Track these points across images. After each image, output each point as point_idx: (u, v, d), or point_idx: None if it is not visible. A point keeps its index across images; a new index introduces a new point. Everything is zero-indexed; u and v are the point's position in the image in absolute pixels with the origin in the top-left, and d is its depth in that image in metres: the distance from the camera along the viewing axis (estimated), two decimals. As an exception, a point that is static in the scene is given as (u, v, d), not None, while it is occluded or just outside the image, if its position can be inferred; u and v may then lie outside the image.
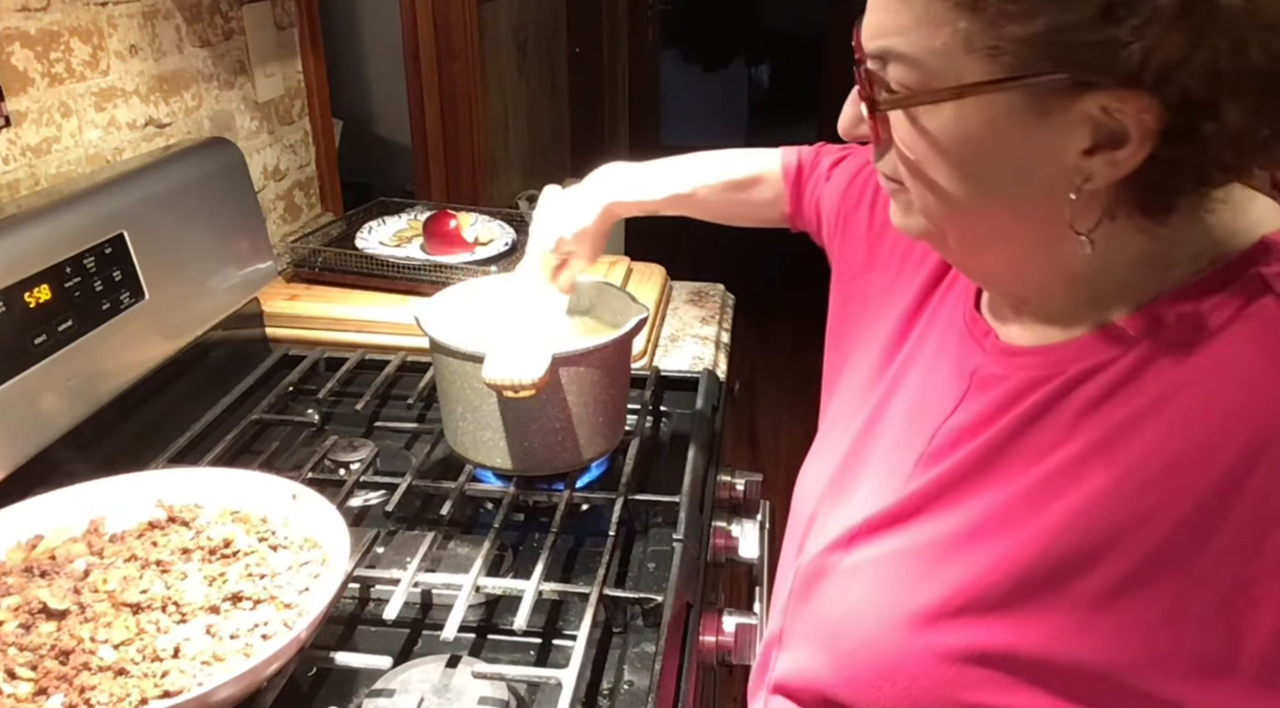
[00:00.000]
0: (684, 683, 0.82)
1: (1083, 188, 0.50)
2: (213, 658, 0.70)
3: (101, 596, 0.75)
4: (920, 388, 0.68)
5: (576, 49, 3.84)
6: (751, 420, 3.42)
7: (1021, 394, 0.57)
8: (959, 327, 0.67)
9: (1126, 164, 0.48)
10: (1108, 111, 0.47)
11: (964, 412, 0.61)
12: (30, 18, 1.07)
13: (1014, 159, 0.51)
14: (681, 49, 6.16)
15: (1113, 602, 0.51)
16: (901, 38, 0.51)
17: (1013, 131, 0.50)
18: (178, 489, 0.88)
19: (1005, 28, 0.46)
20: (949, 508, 0.59)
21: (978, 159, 0.52)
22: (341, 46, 2.85)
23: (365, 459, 1.06)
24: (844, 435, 0.74)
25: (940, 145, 0.52)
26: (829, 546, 0.67)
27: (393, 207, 1.65)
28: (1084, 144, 0.48)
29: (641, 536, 1.00)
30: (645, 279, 1.52)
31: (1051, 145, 0.49)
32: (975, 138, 0.51)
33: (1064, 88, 0.47)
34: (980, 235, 0.57)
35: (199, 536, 0.83)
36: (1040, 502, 0.54)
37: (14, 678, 0.67)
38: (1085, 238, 0.51)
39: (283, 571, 0.79)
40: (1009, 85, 0.48)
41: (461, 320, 1.00)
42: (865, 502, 0.67)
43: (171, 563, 0.79)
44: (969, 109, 0.50)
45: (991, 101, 0.49)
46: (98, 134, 1.19)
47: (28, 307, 0.92)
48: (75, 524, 0.84)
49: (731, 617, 0.92)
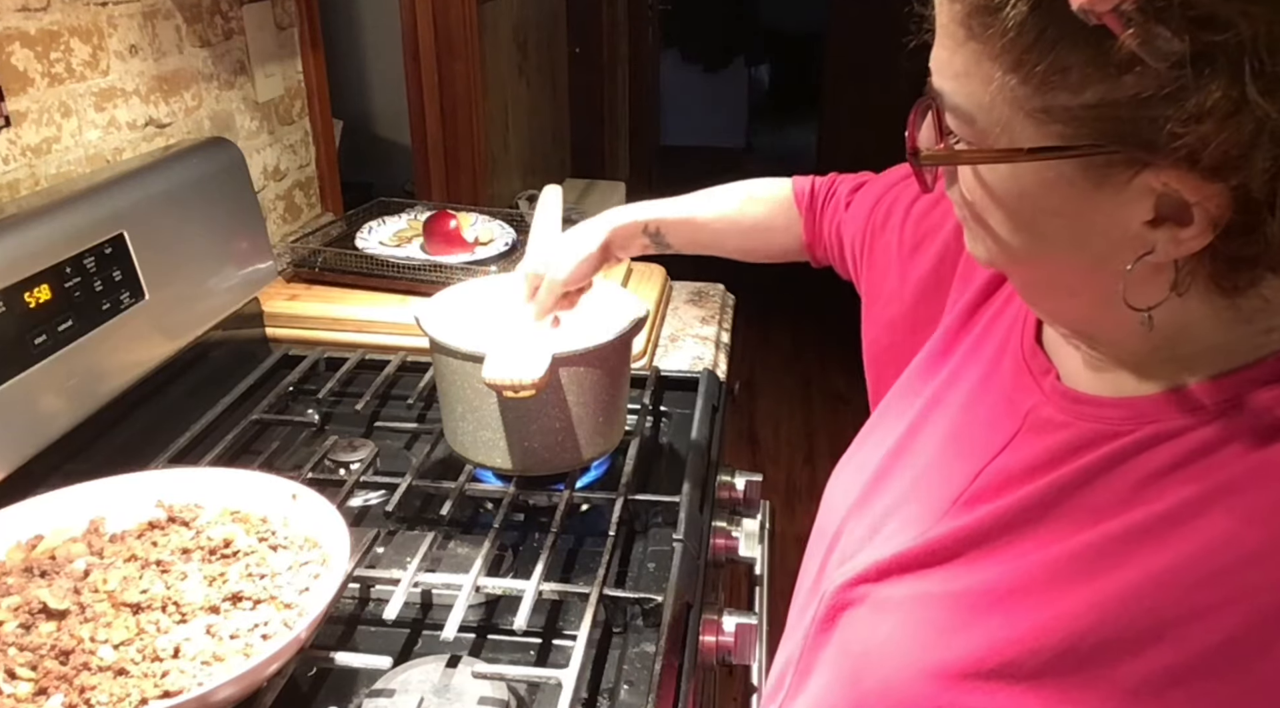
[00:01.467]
0: (684, 683, 0.82)
1: (1143, 260, 0.46)
2: (213, 658, 0.70)
3: (101, 596, 0.75)
4: (964, 415, 0.64)
5: (576, 49, 3.84)
6: (751, 420, 3.42)
7: (1083, 447, 0.54)
8: (1015, 356, 0.63)
9: (1191, 245, 0.44)
10: (1170, 188, 0.43)
11: (1014, 453, 0.58)
12: (30, 18, 1.07)
13: (1072, 220, 0.48)
14: (681, 49, 6.16)
15: (1160, 693, 0.47)
16: (955, 84, 0.48)
17: (1070, 196, 0.46)
18: (178, 489, 0.88)
19: (1055, 95, 0.43)
20: (990, 557, 0.55)
21: (1034, 216, 0.49)
22: (341, 46, 2.85)
23: (365, 459, 1.06)
24: (878, 449, 0.71)
25: (995, 197, 0.50)
26: (858, 576, 0.63)
27: (393, 207, 1.65)
28: (1147, 215, 0.45)
29: (641, 535, 1.00)
30: (645, 279, 1.52)
31: (1111, 213, 0.46)
32: (1030, 196, 0.48)
33: (1121, 161, 0.44)
34: (1044, 285, 0.54)
35: (199, 536, 0.83)
36: (1094, 569, 0.50)
37: (14, 678, 0.67)
38: (1146, 314, 0.48)
39: (283, 571, 0.79)
40: (1060, 155, 0.45)
41: (461, 320, 1.00)
42: (898, 531, 0.63)
43: (171, 563, 0.79)
44: (1023, 169, 0.47)
45: (1046, 166, 0.46)
46: (98, 134, 1.19)
47: (28, 307, 0.92)
48: (75, 524, 0.84)
49: (731, 617, 0.92)
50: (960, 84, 0.47)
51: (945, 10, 0.47)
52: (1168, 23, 0.39)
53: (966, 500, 0.59)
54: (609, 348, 0.95)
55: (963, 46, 0.46)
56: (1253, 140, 0.40)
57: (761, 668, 0.93)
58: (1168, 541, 0.48)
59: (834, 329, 4.44)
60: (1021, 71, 0.44)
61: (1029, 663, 0.50)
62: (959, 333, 0.70)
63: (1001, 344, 0.65)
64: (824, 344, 4.03)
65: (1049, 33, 0.42)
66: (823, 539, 0.73)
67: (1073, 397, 0.56)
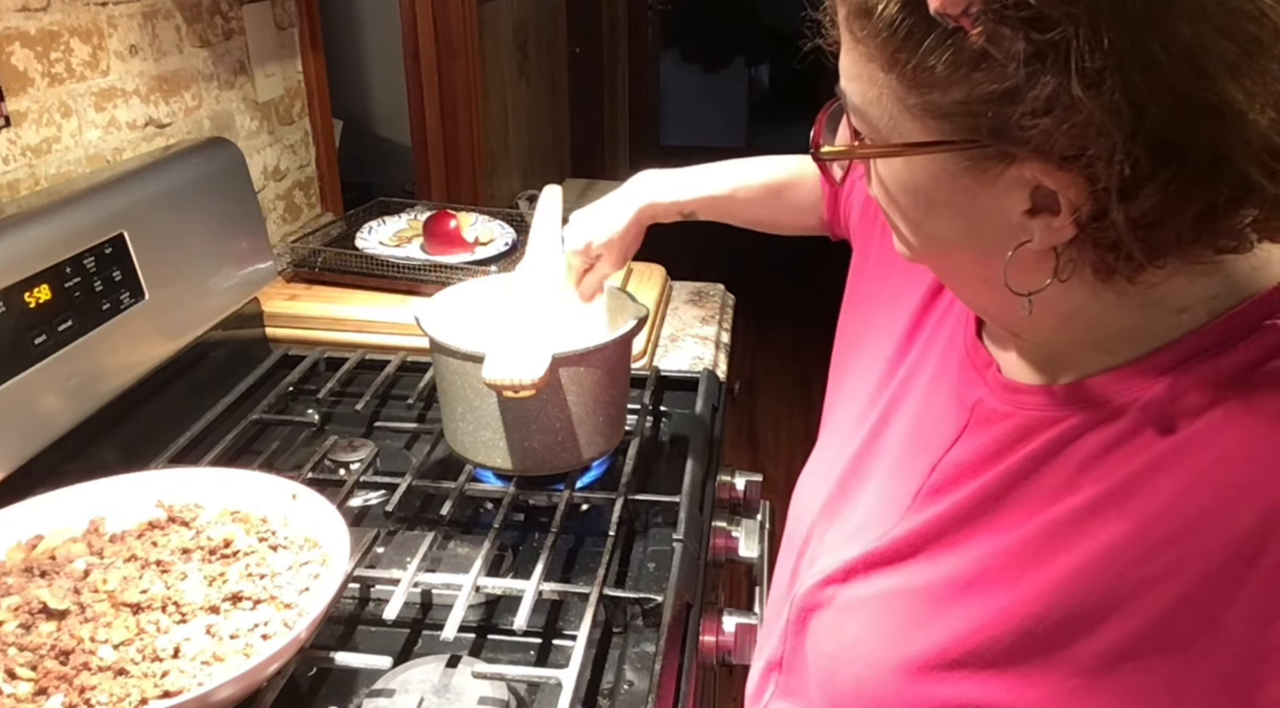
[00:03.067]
0: (684, 683, 0.82)
1: (1023, 247, 0.49)
2: (213, 658, 0.70)
3: (101, 596, 0.75)
4: (919, 412, 0.66)
5: (576, 49, 3.84)
6: (751, 420, 3.42)
7: (1026, 435, 0.55)
8: (959, 351, 0.65)
9: (1062, 232, 0.47)
10: (1036, 178, 0.46)
11: (964, 446, 0.60)
12: (30, 18, 1.07)
13: (961, 212, 0.51)
14: (681, 49, 6.16)
15: (1115, 667, 0.48)
16: (852, 85, 0.51)
17: (955, 188, 0.49)
18: (178, 489, 0.88)
19: (928, 93, 0.46)
20: (948, 550, 0.57)
21: (929, 208, 0.52)
22: (341, 46, 2.85)
23: (365, 459, 1.06)
24: (841, 453, 0.72)
25: (895, 191, 0.53)
26: (826, 578, 0.65)
27: (393, 207, 1.65)
28: (1024, 206, 0.48)
29: (641, 535, 1.00)
30: (645, 279, 1.52)
31: (993, 203, 0.49)
32: (923, 190, 0.51)
33: (992, 155, 0.46)
34: (956, 273, 0.57)
35: (199, 536, 0.83)
36: (1044, 553, 0.52)
37: (14, 678, 0.67)
38: (1025, 299, 0.51)
39: (283, 571, 0.79)
40: (939, 149, 0.48)
41: (461, 320, 1.00)
42: (862, 530, 0.65)
43: (171, 563, 0.79)
44: (913, 163, 0.50)
45: (930, 159, 0.49)
46: (98, 134, 1.19)
47: (28, 307, 0.92)
48: (75, 524, 0.84)
49: (731, 617, 0.92)
50: (855, 85, 0.50)
51: (839, 15, 0.50)
52: (1008, 23, 0.41)
53: (925, 495, 0.61)
54: (609, 348, 0.95)
55: (851, 49, 0.49)
56: (1084, 132, 0.42)
57: (761, 668, 0.93)
58: (1116, 517, 0.50)
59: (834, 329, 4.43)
60: (896, 70, 0.47)
61: (991, 650, 0.52)
62: (913, 332, 0.71)
63: (949, 341, 0.67)
64: (824, 344, 4.01)
65: (915, 33, 0.45)
66: (793, 544, 0.74)
67: (1012, 387, 0.58)
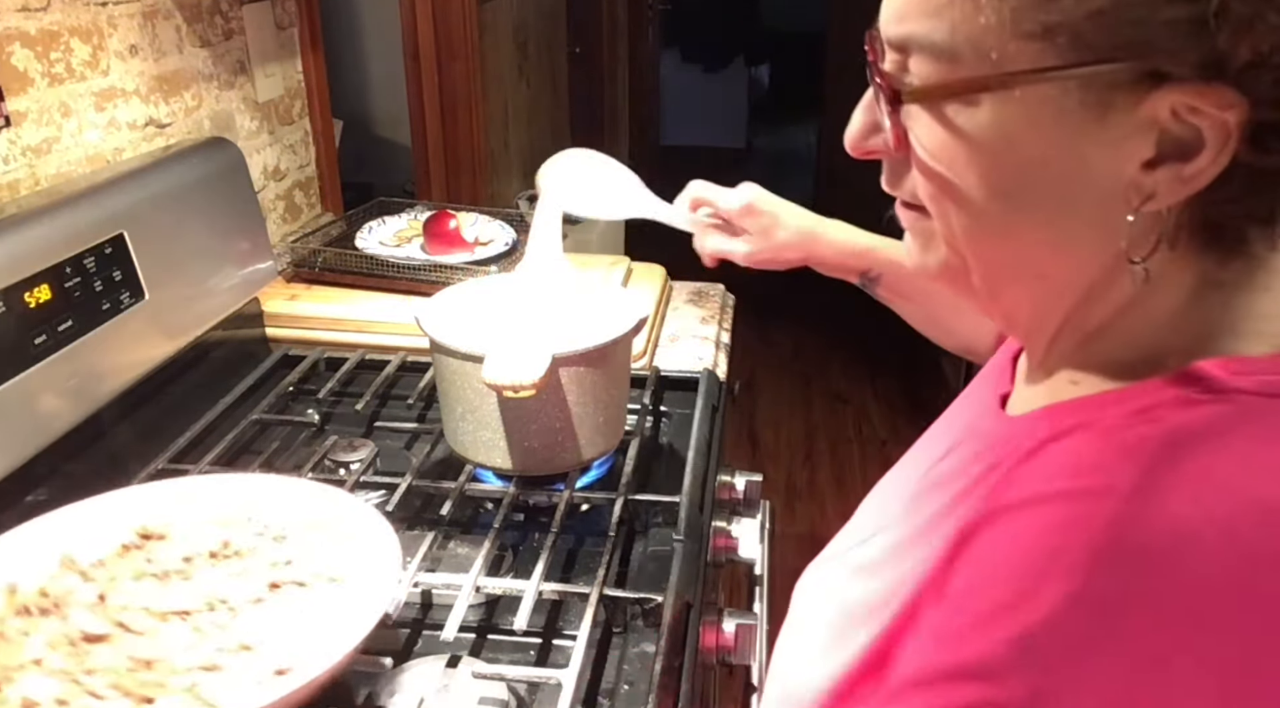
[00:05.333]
0: (684, 683, 0.82)
1: (1142, 209, 0.43)
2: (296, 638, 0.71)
3: (137, 611, 0.74)
4: (939, 425, 0.65)
5: (576, 49, 3.84)
6: (751, 420, 3.42)
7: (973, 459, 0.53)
8: (998, 365, 0.62)
9: (1199, 179, 0.41)
10: (1178, 114, 0.40)
11: (944, 464, 0.58)
12: (30, 18, 1.07)
13: (1061, 171, 0.44)
14: (681, 49, 6.16)
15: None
16: (932, 21, 0.44)
17: (1062, 136, 0.43)
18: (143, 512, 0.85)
19: (1058, 5, 0.40)
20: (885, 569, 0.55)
21: (1017, 169, 0.45)
22: (341, 46, 2.85)
23: (365, 459, 1.06)
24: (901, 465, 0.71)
25: (973, 151, 0.45)
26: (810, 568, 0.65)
27: (393, 207, 1.65)
28: (1146, 154, 0.41)
29: (641, 535, 1.00)
30: (645, 279, 1.52)
31: (1107, 155, 0.42)
32: (1016, 142, 0.44)
33: (1130, 80, 0.40)
34: (1010, 267, 0.49)
35: (189, 543, 0.82)
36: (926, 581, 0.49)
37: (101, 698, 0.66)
38: (1140, 268, 0.44)
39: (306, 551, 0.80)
40: (1063, 74, 0.41)
41: (461, 320, 1.00)
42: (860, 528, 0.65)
43: (184, 570, 0.79)
44: (1011, 106, 0.43)
45: (1040, 96, 0.42)
46: (98, 134, 1.19)
47: (28, 307, 0.92)
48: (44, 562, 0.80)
49: (731, 617, 0.92)
50: (940, 19, 0.43)
51: None
52: None
53: (904, 506, 0.60)
54: (609, 348, 0.95)
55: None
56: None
57: (761, 668, 0.93)
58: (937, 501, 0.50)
59: (834, 329, 4.45)
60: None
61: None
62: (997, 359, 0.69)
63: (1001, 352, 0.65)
64: (824, 344, 4.03)
65: None
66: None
67: (995, 411, 0.57)
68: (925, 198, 0.49)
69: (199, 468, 1.03)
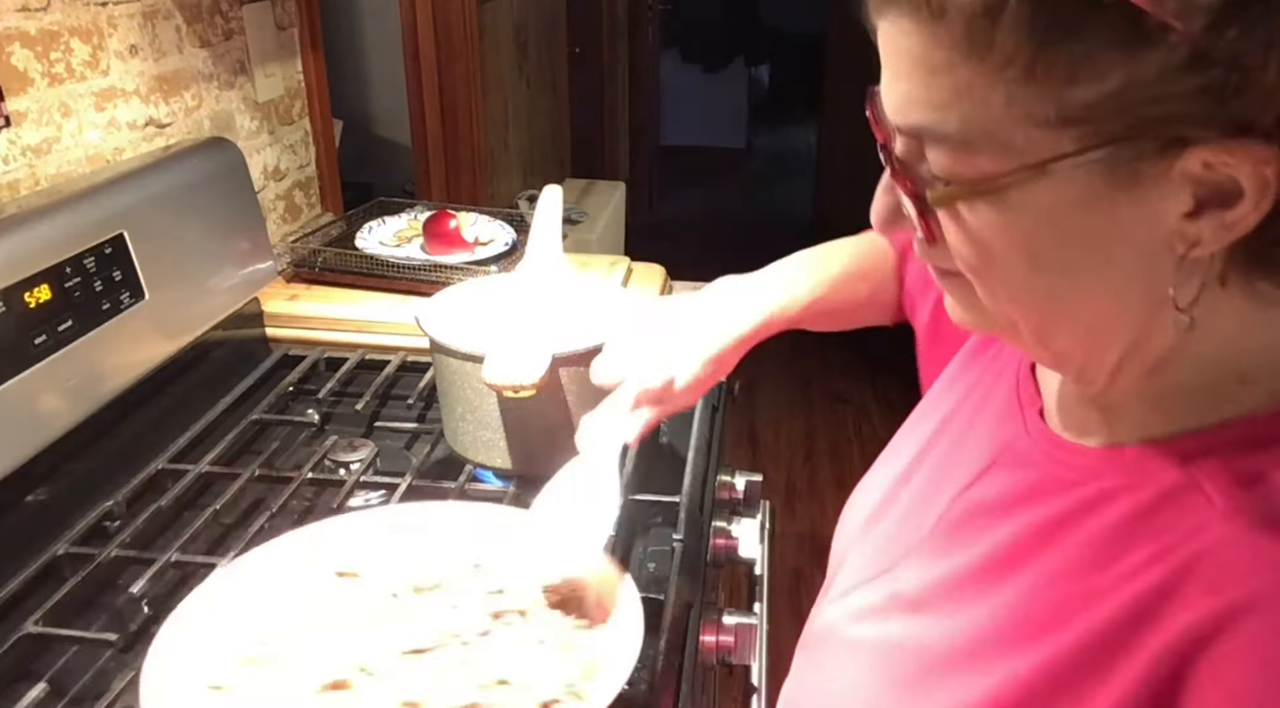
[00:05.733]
0: (684, 683, 0.82)
1: (1188, 255, 0.42)
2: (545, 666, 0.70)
3: (377, 653, 0.71)
4: (957, 440, 0.63)
5: (576, 49, 3.84)
6: (751, 420, 3.42)
7: (1046, 494, 0.52)
8: (1010, 384, 0.60)
9: (1242, 225, 0.40)
10: (1212, 167, 0.39)
11: (985, 486, 0.57)
12: (30, 18, 1.07)
13: (1099, 237, 0.43)
14: (681, 49, 6.16)
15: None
16: (941, 113, 0.42)
17: (1095, 209, 0.41)
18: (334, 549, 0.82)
19: (1071, 93, 0.38)
20: (956, 608, 0.54)
21: (1055, 243, 0.44)
22: (341, 46, 2.85)
23: (365, 459, 1.06)
24: (889, 474, 0.70)
25: (1007, 234, 0.44)
26: (841, 610, 0.63)
27: (393, 207, 1.65)
28: (1185, 207, 0.40)
29: (641, 535, 1.00)
30: (645, 279, 1.51)
31: (1145, 214, 0.41)
32: (1050, 220, 0.43)
33: (1155, 151, 0.39)
34: (1060, 324, 0.48)
35: (384, 579, 0.78)
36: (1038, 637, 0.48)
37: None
38: (1185, 315, 0.43)
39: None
40: (1085, 159, 0.40)
41: (461, 320, 1.00)
42: (880, 554, 0.63)
43: (396, 609, 0.75)
44: (1039, 190, 0.42)
45: (1066, 178, 0.41)
46: (98, 134, 1.19)
47: (28, 307, 0.92)
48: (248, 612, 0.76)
49: (731, 617, 0.92)
50: (949, 112, 0.42)
51: (916, 39, 0.42)
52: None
53: (941, 529, 0.58)
54: (609, 348, 0.95)
55: (950, 71, 0.41)
56: None
57: (762, 668, 0.93)
58: (1106, 602, 0.46)
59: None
60: (1031, 78, 0.39)
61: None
62: (977, 354, 0.68)
63: (1003, 369, 0.63)
64: (824, 344, 4.03)
65: (1058, 25, 0.38)
66: (836, 561, 0.72)
67: (1048, 436, 0.55)
68: (965, 271, 0.48)
69: (199, 468, 1.03)
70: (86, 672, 0.82)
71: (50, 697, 0.78)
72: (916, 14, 0.41)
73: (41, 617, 0.84)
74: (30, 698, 0.76)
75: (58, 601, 0.85)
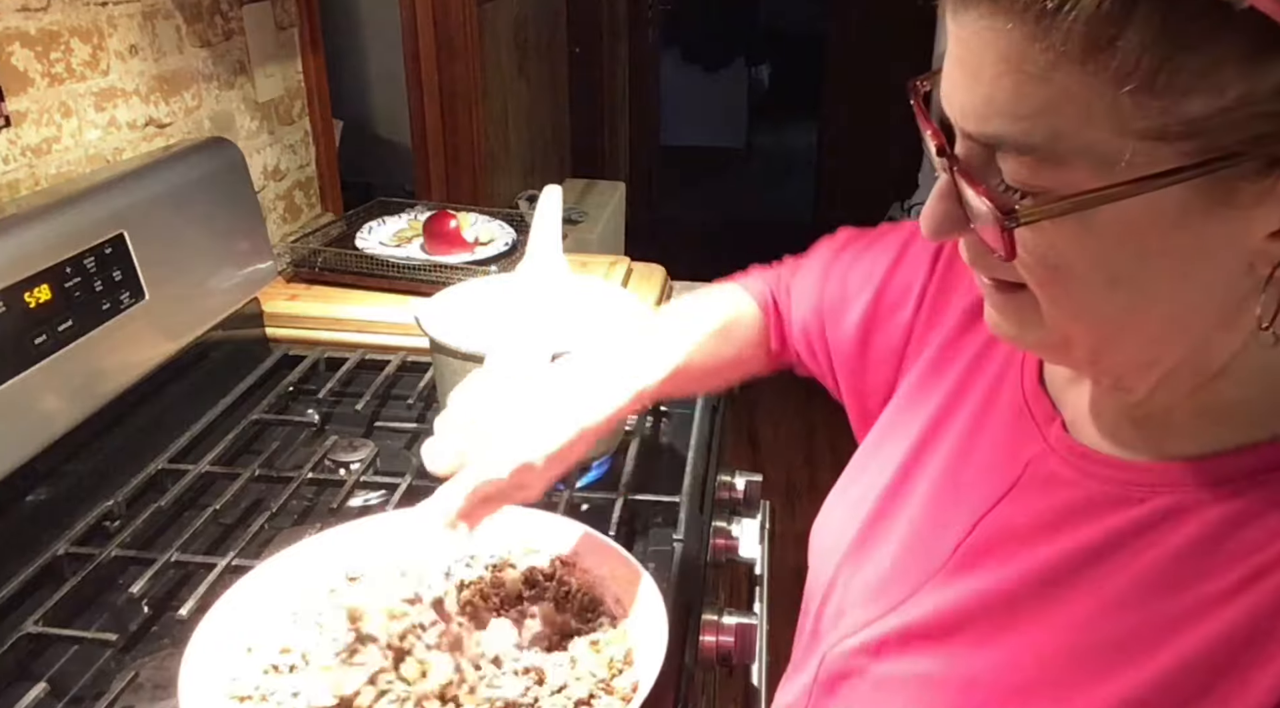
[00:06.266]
0: (684, 683, 0.82)
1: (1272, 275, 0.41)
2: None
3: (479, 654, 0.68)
4: (957, 455, 0.60)
5: (576, 49, 3.84)
6: (751, 420, 3.42)
7: (1094, 512, 0.49)
8: (1014, 396, 0.58)
9: None
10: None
11: (1014, 505, 0.54)
12: (30, 18, 1.07)
13: (1180, 255, 0.41)
14: (681, 49, 6.16)
15: None
16: (1029, 122, 0.39)
17: (1184, 225, 0.40)
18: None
19: (1185, 105, 0.36)
20: (997, 636, 0.51)
21: (1137, 258, 0.41)
22: (341, 46, 2.84)
23: (365, 459, 1.06)
24: (870, 489, 0.66)
25: (1088, 248, 0.41)
26: (860, 645, 0.60)
27: (393, 207, 1.65)
28: (1273, 226, 0.39)
29: (641, 535, 1.00)
30: (645, 279, 1.51)
31: (1231, 231, 0.40)
32: (1135, 235, 0.41)
33: (1256, 168, 0.38)
34: (1122, 339, 0.46)
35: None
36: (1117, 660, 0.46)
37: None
38: (1272, 333, 0.42)
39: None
40: (1188, 175, 0.38)
41: (461, 320, 1.00)
42: (890, 584, 0.59)
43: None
44: (1131, 206, 0.39)
45: (1163, 194, 0.39)
46: (98, 134, 1.19)
47: (28, 307, 0.92)
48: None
49: (731, 617, 0.92)
50: (1040, 122, 0.39)
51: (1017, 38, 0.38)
52: None
53: (965, 554, 0.55)
54: (609, 348, 0.95)
55: (1050, 77, 0.38)
56: None
57: (761, 668, 0.93)
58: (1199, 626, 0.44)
59: (834, 329, 4.42)
60: (1149, 88, 0.36)
61: None
62: (947, 360, 0.65)
63: (997, 379, 0.60)
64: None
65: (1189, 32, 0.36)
66: (818, 584, 0.68)
67: (1080, 452, 0.52)
68: (1031, 284, 0.45)
69: (199, 468, 1.03)
70: (86, 672, 0.82)
71: (50, 697, 0.78)
72: (1023, 11, 0.38)
73: (41, 617, 0.84)
74: (30, 698, 0.76)
75: (58, 601, 0.85)
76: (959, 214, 0.45)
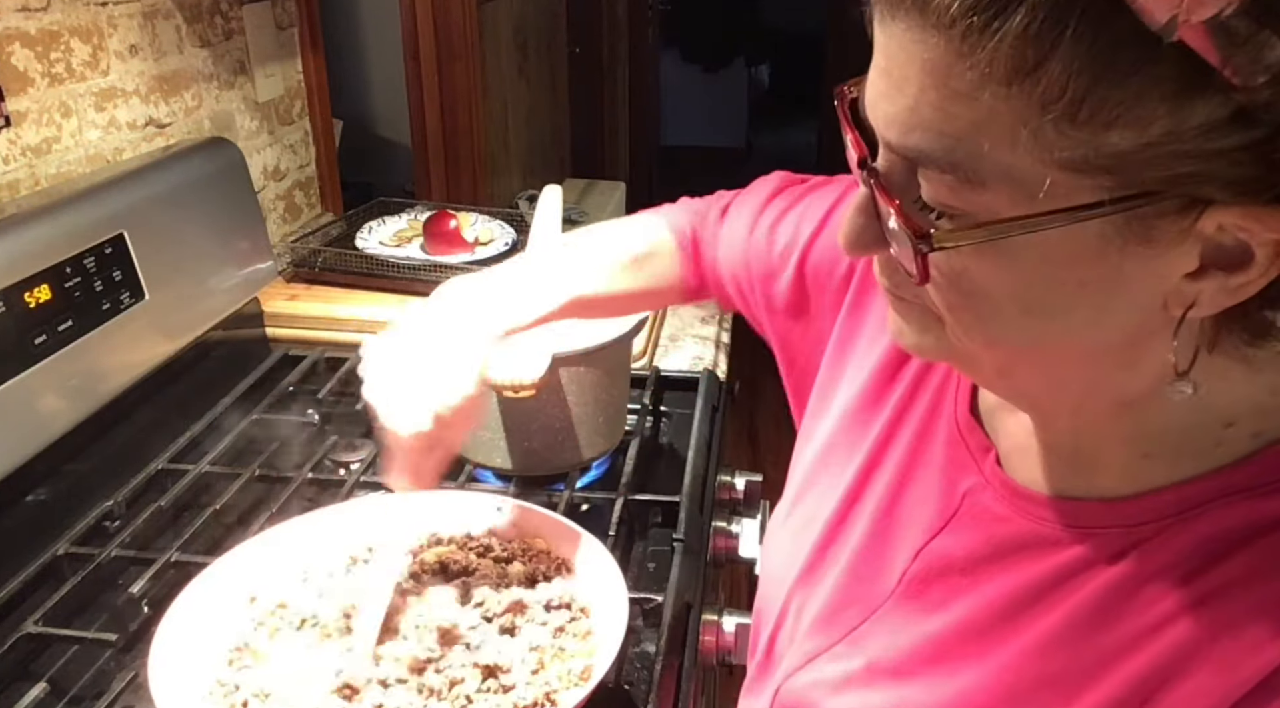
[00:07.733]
0: (684, 683, 0.82)
1: (1186, 316, 0.40)
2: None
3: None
4: (897, 482, 0.59)
5: (576, 49, 3.84)
6: (751, 420, 3.42)
7: (1027, 550, 0.49)
8: (949, 426, 0.57)
9: (1246, 290, 0.38)
10: (1224, 229, 0.37)
11: (953, 538, 0.54)
12: (30, 18, 1.07)
13: (1095, 290, 0.40)
14: (681, 49, 6.16)
15: None
16: (952, 141, 0.38)
17: (1101, 260, 0.39)
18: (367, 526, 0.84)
19: (1107, 138, 0.35)
20: (948, 675, 0.51)
21: (1051, 290, 0.41)
22: (341, 46, 2.84)
23: (365, 459, 1.06)
24: (818, 512, 0.65)
25: (1000, 281, 0.41)
26: (813, 682, 0.60)
27: (393, 207, 1.65)
28: (1190, 267, 0.38)
29: (641, 536, 1.00)
30: (645, 279, 1.51)
31: (1148, 271, 0.39)
32: (1050, 267, 0.40)
33: (1176, 208, 0.37)
34: (1030, 364, 0.45)
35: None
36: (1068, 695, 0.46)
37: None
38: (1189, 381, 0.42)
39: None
40: (1108, 210, 0.37)
41: (461, 320, 1.00)
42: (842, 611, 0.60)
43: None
44: (1047, 237, 0.38)
45: (1080, 227, 0.38)
46: (98, 134, 1.19)
47: (28, 307, 0.92)
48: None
49: (731, 617, 0.92)
50: (957, 143, 0.38)
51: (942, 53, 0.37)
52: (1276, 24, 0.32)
53: (910, 583, 0.56)
54: (609, 348, 0.95)
55: (975, 97, 0.37)
56: None
57: (761, 668, 0.93)
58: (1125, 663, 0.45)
59: (834, 329, 4.43)
60: (1072, 118, 0.35)
61: None
62: (890, 379, 0.63)
63: (933, 405, 0.59)
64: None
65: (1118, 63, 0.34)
66: (770, 607, 0.68)
67: (1013, 488, 0.52)
68: (942, 307, 0.44)
69: (199, 468, 1.03)
70: (86, 672, 0.83)
71: (50, 697, 0.78)
72: (949, 28, 0.36)
73: (41, 617, 0.84)
74: (30, 698, 0.76)
75: (58, 601, 0.85)
76: (877, 229, 0.44)
